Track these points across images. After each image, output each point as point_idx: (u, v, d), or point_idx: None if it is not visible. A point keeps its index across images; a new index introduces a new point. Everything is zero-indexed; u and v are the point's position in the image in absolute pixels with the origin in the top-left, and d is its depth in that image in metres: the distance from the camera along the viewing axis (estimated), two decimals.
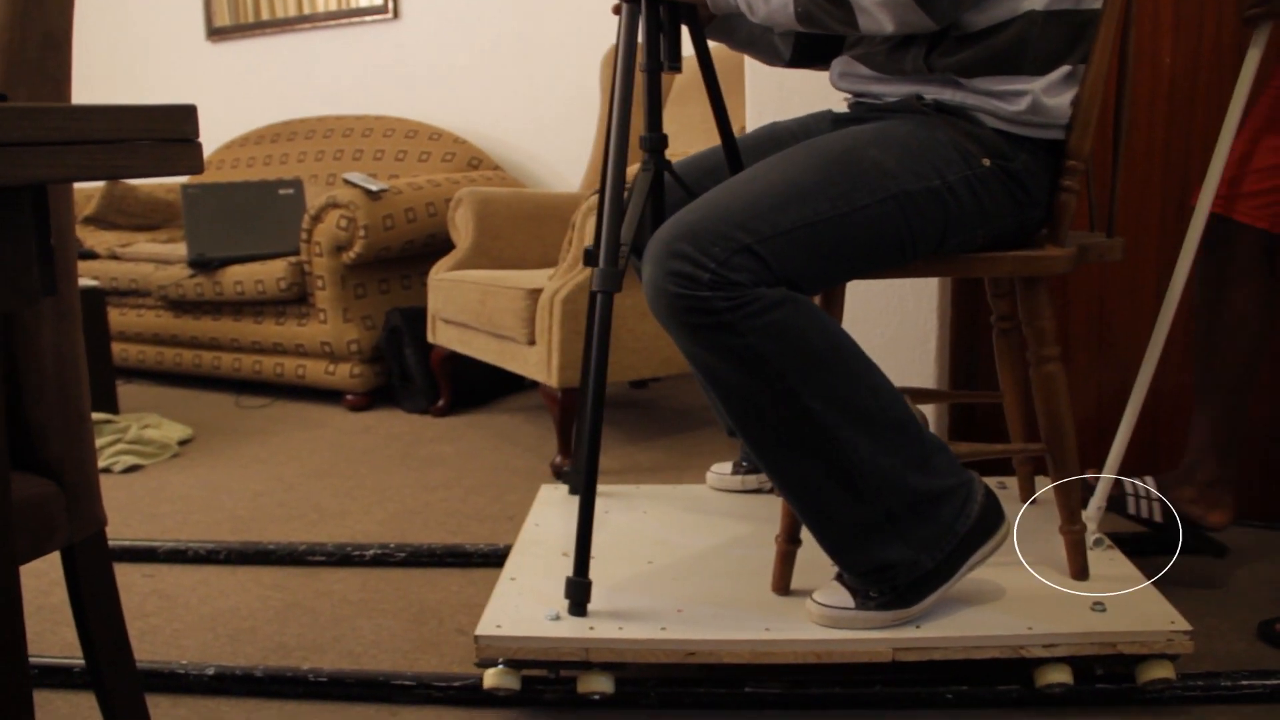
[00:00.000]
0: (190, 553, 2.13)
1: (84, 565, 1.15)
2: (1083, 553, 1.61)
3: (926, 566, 1.45)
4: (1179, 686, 1.49)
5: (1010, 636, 1.45)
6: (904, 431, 1.42)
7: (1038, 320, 1.58)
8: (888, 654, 1.45)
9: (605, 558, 1.73)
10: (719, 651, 1.46)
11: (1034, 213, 1.54)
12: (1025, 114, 1.46)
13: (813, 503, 1.43)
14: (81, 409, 1.13)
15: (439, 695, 1.57)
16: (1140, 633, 1.45)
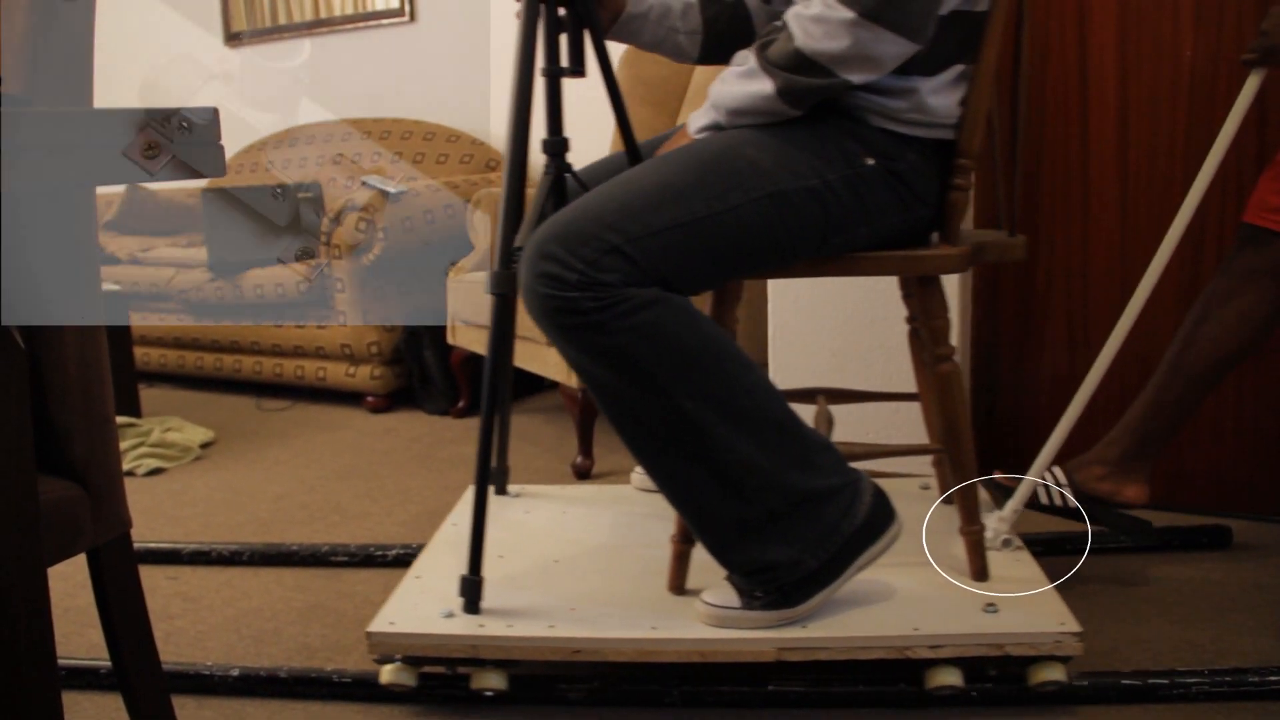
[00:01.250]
0: (214, 554, 2.14)
1: (109, 567, 1.16)
2: (982, 553, 1.60)
3: (811, 566, 1.44)
4: (1206, 683, 1.48)
5: (896, 637, 1.45)
6: (784, 430, 1.41)
7: (934, 319, 1.57)
8: (772, 654, 1.45)
9: (514, 557, 1.76)
10: (604, 650, 1.47)
11: (922, 212, 1.52)
12: (911, 112, 1.46)
13: (692, 503, 1.43)
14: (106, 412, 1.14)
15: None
16: (1028, 634, 1.44)
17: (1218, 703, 1.47)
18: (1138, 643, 1.66)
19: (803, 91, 1.40)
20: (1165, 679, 1.49)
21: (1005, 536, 1.72)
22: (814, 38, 1.36)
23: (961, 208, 1.54)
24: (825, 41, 1.35)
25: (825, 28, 1.35)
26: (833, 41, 1.35)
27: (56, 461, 1.10)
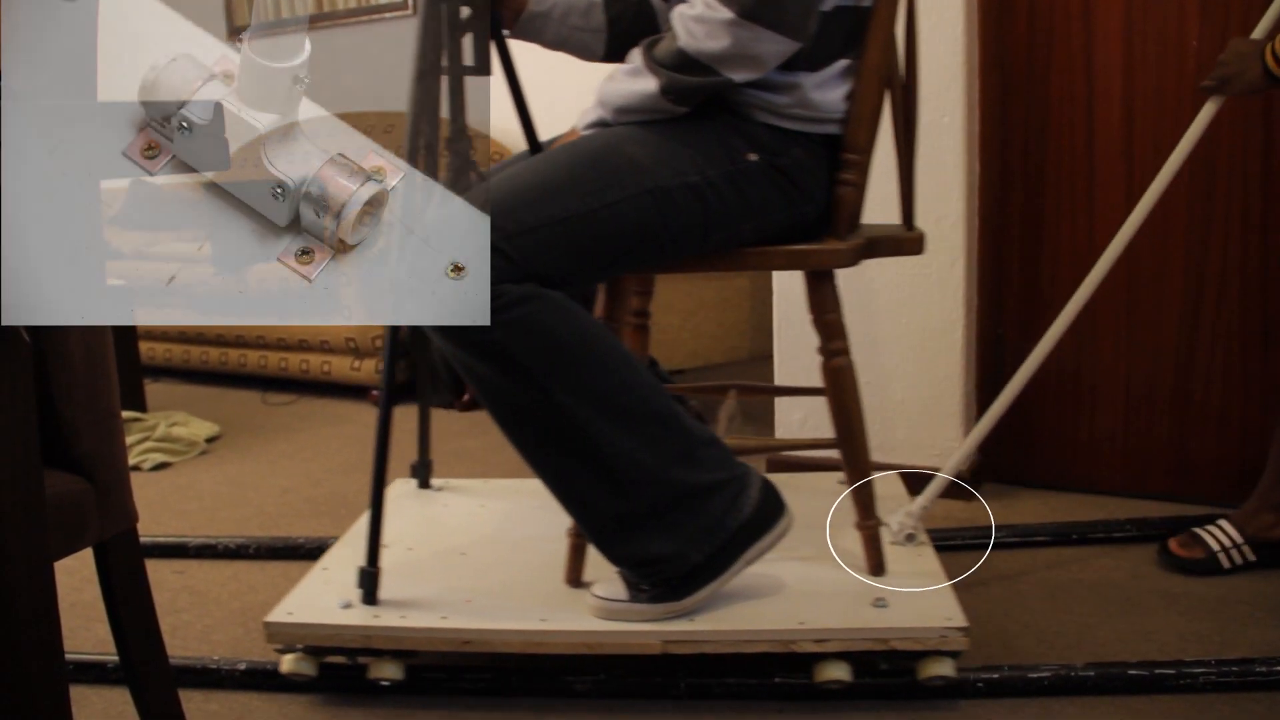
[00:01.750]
0: (220, 548, 2.15)
1: (116, 561, 1.16)
2: (878, 548, 1.61)
3: (695, 560, 1.45)
4: (1213, 674, 1.47)
5: (781, 631, 1.46)
6: (665, 425, 1.42)
7: (825, 314, 1.57)
8: (658, 646, 1.46)
9: (423, 549, 1.78)
10: (492, 641, 1.49)
11: (808, 207, 1.52)
12: (795, 108, 1.47)
13: (574, 497, 1.44)
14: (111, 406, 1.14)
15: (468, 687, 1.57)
16: (914, 629, 1.45)
17: (1225, 693, 1.47)
18: (1144, 634, 1.66)
19: (686, 90, 1.42)
20: (1172, 669, 1.49)
21: (909, 531, 1.73)
22: (696, 37, 1.38)
23: (850, 202, 1.54)
24: (707, 41, 1.37)
25: (706, 27, 1.37)
26: (714, 41, 1.37)
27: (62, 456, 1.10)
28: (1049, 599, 1.80)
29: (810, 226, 1.55)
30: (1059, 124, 2.23)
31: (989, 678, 1.50)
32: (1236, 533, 1.85)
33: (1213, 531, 1.87)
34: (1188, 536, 1.89)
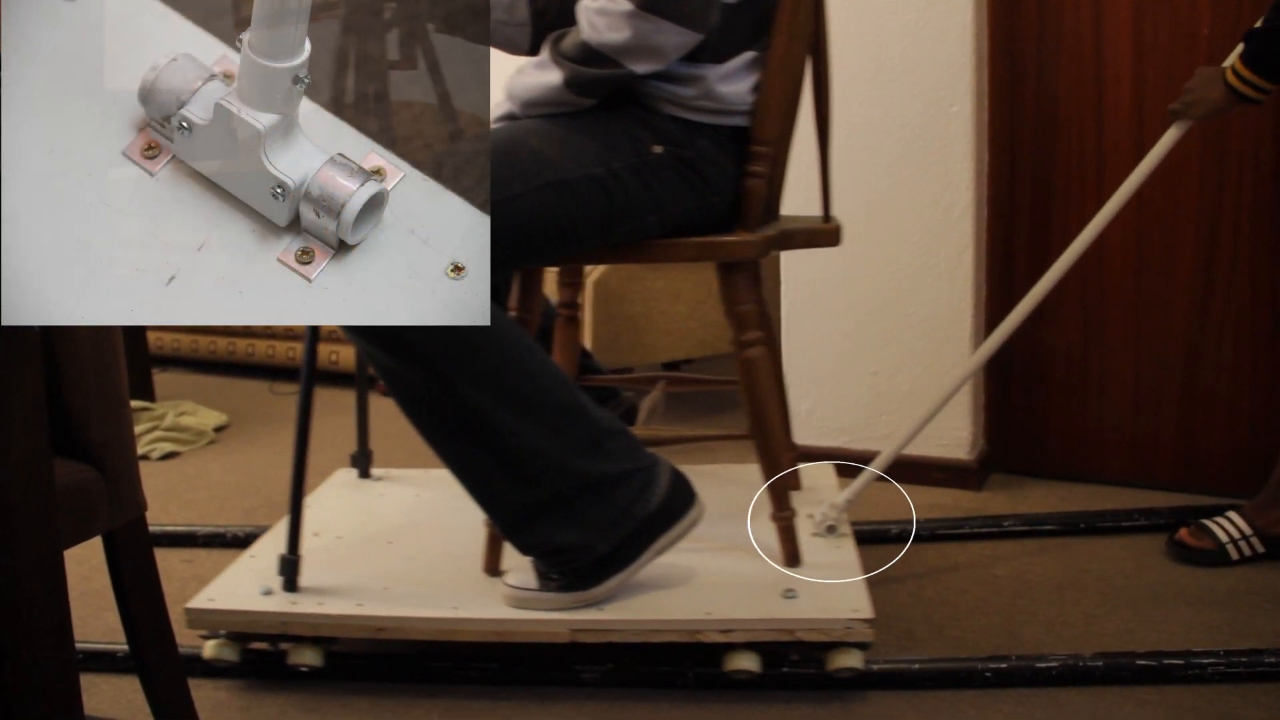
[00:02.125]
0: (229, 537, 2.15)
1: (125, 550, 1.17)
2: (793, 539, 1.61)
3: (602, 550, 1.46)
4: (1222, 664, 1.47)
5: (687, 621, 1.47)
6: (569, 416, 1.43)
7: (737, 305, 1.57)
8: (566, 635, 1.48)
9: (352, 538, 1.80)
10: (405, 628, 1.51)
11: (716, 199, 1.53)
12: (700, 100, 1.47)
13: (480, 487, 1.46)
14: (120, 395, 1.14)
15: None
16: (820, 620, 1.45)
17: (1233, 684, 1.47)
18: (1152, 624, 1.66)
19: (589, 82, 1.43)
20: (1181, 659, 1.49)
21: (831, 523, 1.73)
22: (598, 30, 1.39)
23: (759, 194, 1.54)
24: (608, 33, 1.38)
25: (608, 20, 1.38)
26: (615, 33, 1.38)
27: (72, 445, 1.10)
28: (1057, 589, 1.80)
29: (720, 218, 1.56)
30: (1068, 113, 2.22)
31: (997, 667, 1.50)
32: (1246, 524, 1.85)
33: (1221, 523, 1.86)
34: (1195, 529, 1.88)
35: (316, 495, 2.02)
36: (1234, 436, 2.16)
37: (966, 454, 2.31)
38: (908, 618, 1.72)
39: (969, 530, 2.04)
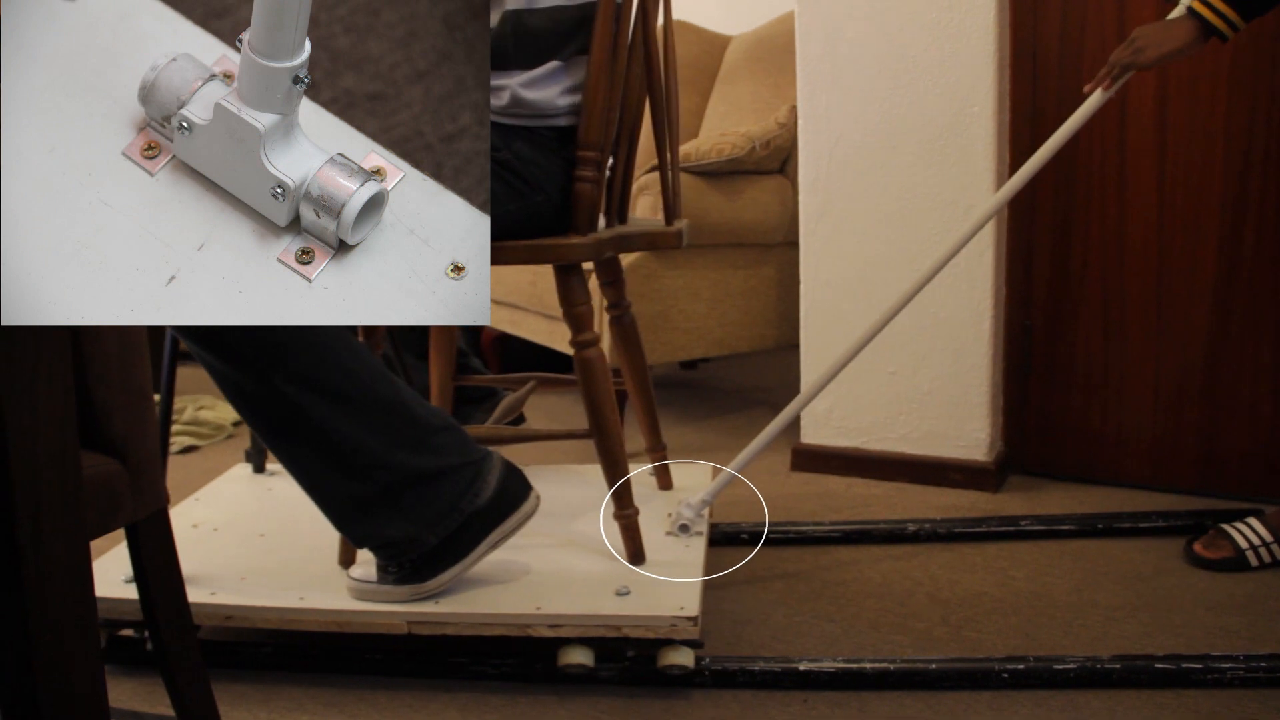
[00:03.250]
0: None
1: (147, 542, 1.18)
2: (636, 537, 1.64)
3: (431, 543, 1.49)
4: (1242, 669, 1.47)
5: (518, 615, 1.49)
6: (391, 411, 1.46)
7: (574, 307, 1.60)
8: (403, 627, 1.51)
9: (228, 530, 1.83)
10: (251, 617, 1.55)
11: (539, 198, 1.56)
12: (509, 107, 1.53)
13: (309, 481, 1.49)
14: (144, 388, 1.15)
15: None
16: (645, 617, 1.47)
17: (1253, 689, 1.46)
18: (1171, 627, 1.65)
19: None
20: (1199, 663, 1.48)
21: (684, 522, 1.75)
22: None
23: (587, 197, 1.57)
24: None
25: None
26: None
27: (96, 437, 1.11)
28: (1074, 591, 1.79)
29: (551, 219, 1.59)
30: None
31: (1014, 669, 1.50)
32: (1266, 531, 1.84)
33: (1241, 529, 1.85)
34: (1213, 535, 1.87)
35: (208, 489, 2.07)
36: (1255, 440, 2.15)
37: (984, 455, 2.31)
38: (925, 618, 1.71)
39: (986, 531, 2.04)
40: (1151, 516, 2.04)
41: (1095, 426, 2.30)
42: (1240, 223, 2.10)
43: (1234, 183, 2.09)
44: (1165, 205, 2.16)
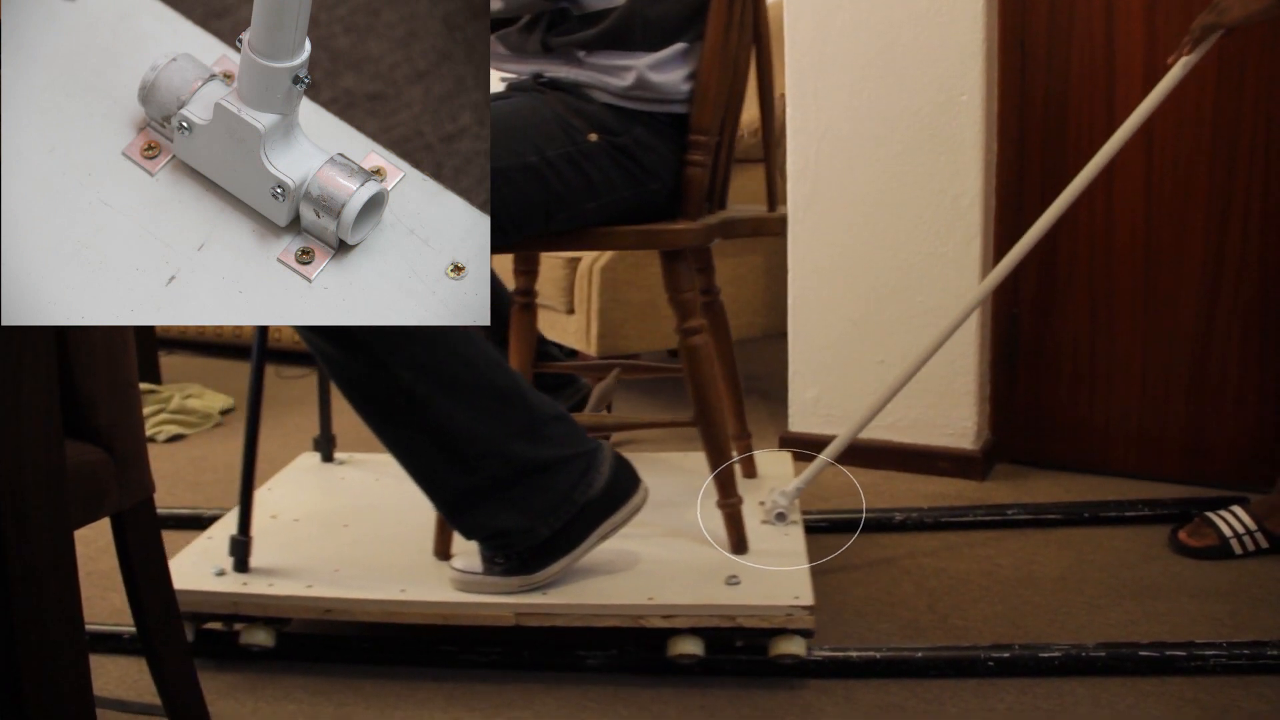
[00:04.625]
0: None
1: (133, 531, 1.17)
2: (739, 526, 1.63)
3: (544, 534, 1.48)
4: (1224, 656, 1.48)
5: (630, 606, 1.48)
6: (507, 401, 1.44)
7: (680, 294, 1.59)
8: (510, 618, 1.50)
9: (309, 520, 1.82)
10: (352, 610, 1.53)
11: (655, 186, 1.55)
12: (633, 89, 1.49)
13: (421, 471, 1.47)
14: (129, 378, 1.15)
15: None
16: (761, 607, 1.47)
17: (1236, 676, 1.47)
18: (1155, 615, 1.66)
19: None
20: (1183, 651, 1.49)
21: (780, 511, 1.74)
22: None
23: (699, 182, 1.55)
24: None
25: None
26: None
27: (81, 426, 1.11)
28: (1060, 579, 1.80)
29: (661, 205, 1.57)
30: (1078, 103, 2.21)
31: (999, 657, 1.50)
32: (1251, 519, 1.84)
33: (1225, 517, 1.86)
34: (1198, 524, 1.88)
35: (278, 478, 2.05)
36: (1241, 429, 2.16)
37: (971, 444, 2.31)
38: (911, 606, 1.72)
39: (973, 519, 2.05)
40: (1137, 505, 2.05)
41: (1082, 415, 2.31)
42: (1227, 213, 2.11)
43: (1221, 173, 2.10)
44: (1153, 195, 2.17)
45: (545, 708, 1.47)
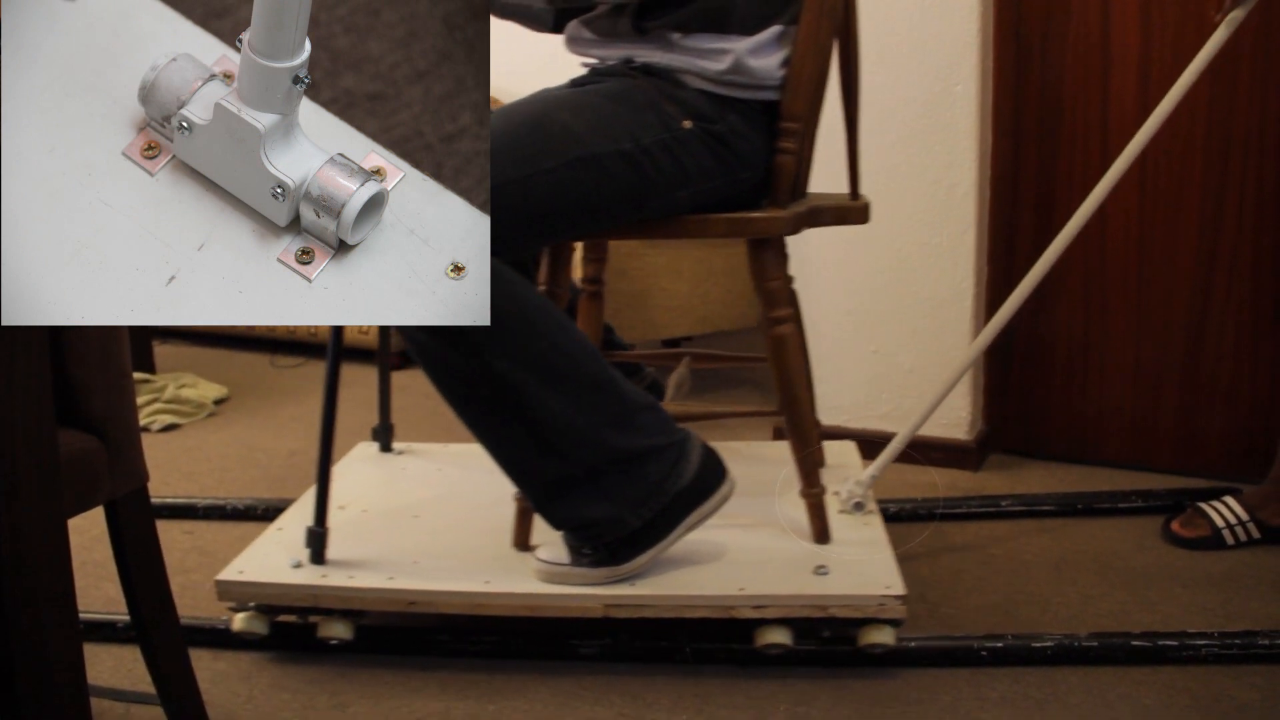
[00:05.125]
0: (229, 509, 2.16)
1: (126, 520, 1.17)
2: (823, 516, 1.61)
3: (634, 525, 1.46)
4: (1216, 646, 1.48)
5: (721, 596, 1.47)
6: (600, 390, 1.43)
7: (767, 281, 1.57)
8: (599, 610, 1.48)
9: (377, 511, 1.80)
10: (436, 602, 1.52)
11: (746, 174, 1.53)
12: (729, 74, 1.47)
13: (512, 461, 1.46)
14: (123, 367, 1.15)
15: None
16: (853, 596, 1.46)
17: (1227, 665, 1.48)
18: (1147, 605, 1.67)
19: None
20: (1175, 640, 1.50)
21: (858, 500, 1.73)
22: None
23: (789, 170, 1.54)
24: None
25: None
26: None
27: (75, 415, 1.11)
28: (1053, 569, 1.81)
29: (750, 194, 1.55)
30: (1074, 94, 2.21)
31: (993, 646, 1.51)
32: (1243, 510, 1.85)
33: (1218, 507, 1.87)
34: (1190, 514, 1.89)
35: (339, 469, 2.01)
36: (1233, 420, 2.16)
37: (965, 434, 2.32)
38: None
39: (966, 510, 2.05)
40: (1130, 496, 2.05)
41: (1076, 406, 2.32)
42: (1221, 205, 2.11)
43: (1215, 165, 2.10)
44: (1147, 186, 2.17)
45: (538, 696, 1.48)
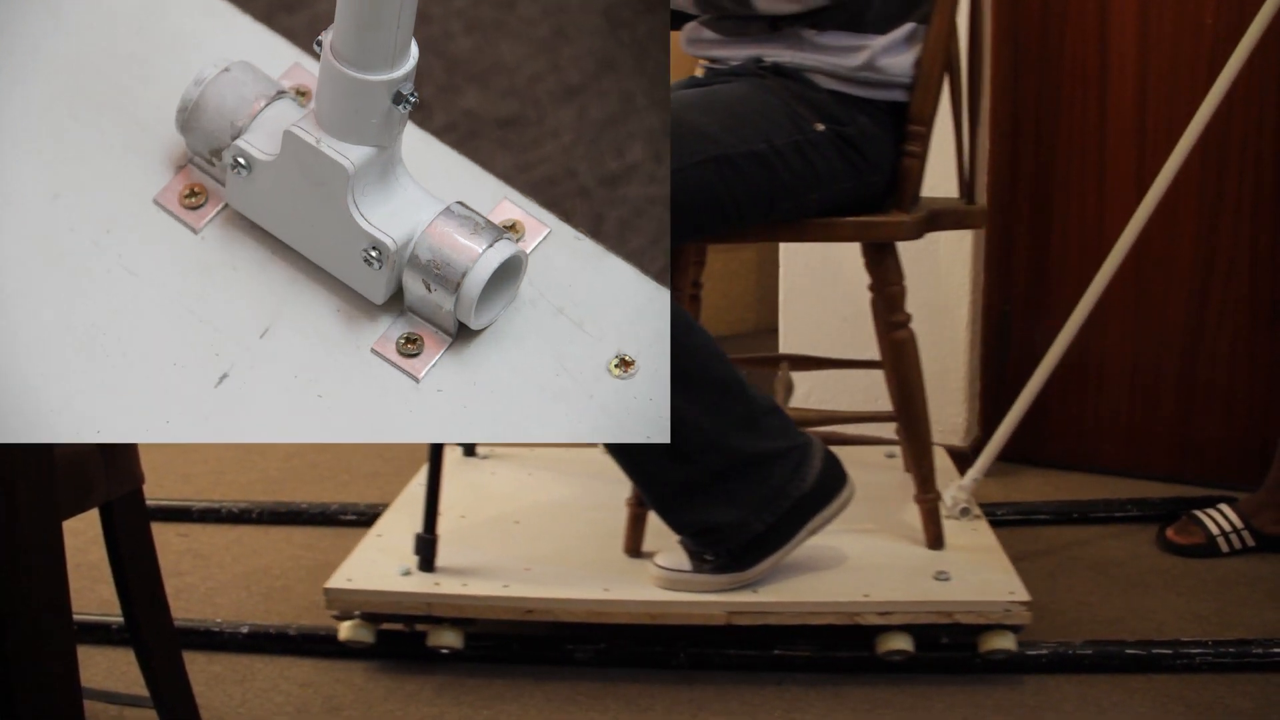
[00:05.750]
0: (224, 512, 2.15)
1: (121, 522, 1.17)
2: (937, 521, 1.61)
3: (757, 529, 1.45)
4: (1210, 654, 1.48)
5: (846, 603, 1.46)
6: (727, 393, 1.42)
7: (887, 286, 1.57)
8: (722, 617, 1.46)
9: (475, 517, 1.78)
10: (555, 610, 1.49)
11: (874, 177, 1.52)
12: (863, 72, 1.45)
13: (637, 464, 1.44)
14: None
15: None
16: (977, 602, 1.45)
17: (1221, 674, 1.48)
18: (1142, 613, 1.67)
19: (712, 5, 1.47)
20: (1169, 649, 1.50)
21: (964, 505, 1.73)
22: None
23: (915, 174, 1.53)
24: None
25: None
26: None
27: None
28: (1048, 577, 1.81)
29: (874, 197, 1.55)
30: (1071, 101, 2.21)
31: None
32: (1238, 517, 1.85)
33: (1213, 515, 1.87)
34: (1185, 521, 1.89)
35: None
36: (1231, 428, 2.16)
37: (961, 441, 2.32)
38: None
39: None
40: (1126, 505, 2.05)
41: (1072, 413, 2.31)
42: (1218, 211, 2.11)
43: (1212, 172, 2.10)
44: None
45: (534, 701, 1.47)
